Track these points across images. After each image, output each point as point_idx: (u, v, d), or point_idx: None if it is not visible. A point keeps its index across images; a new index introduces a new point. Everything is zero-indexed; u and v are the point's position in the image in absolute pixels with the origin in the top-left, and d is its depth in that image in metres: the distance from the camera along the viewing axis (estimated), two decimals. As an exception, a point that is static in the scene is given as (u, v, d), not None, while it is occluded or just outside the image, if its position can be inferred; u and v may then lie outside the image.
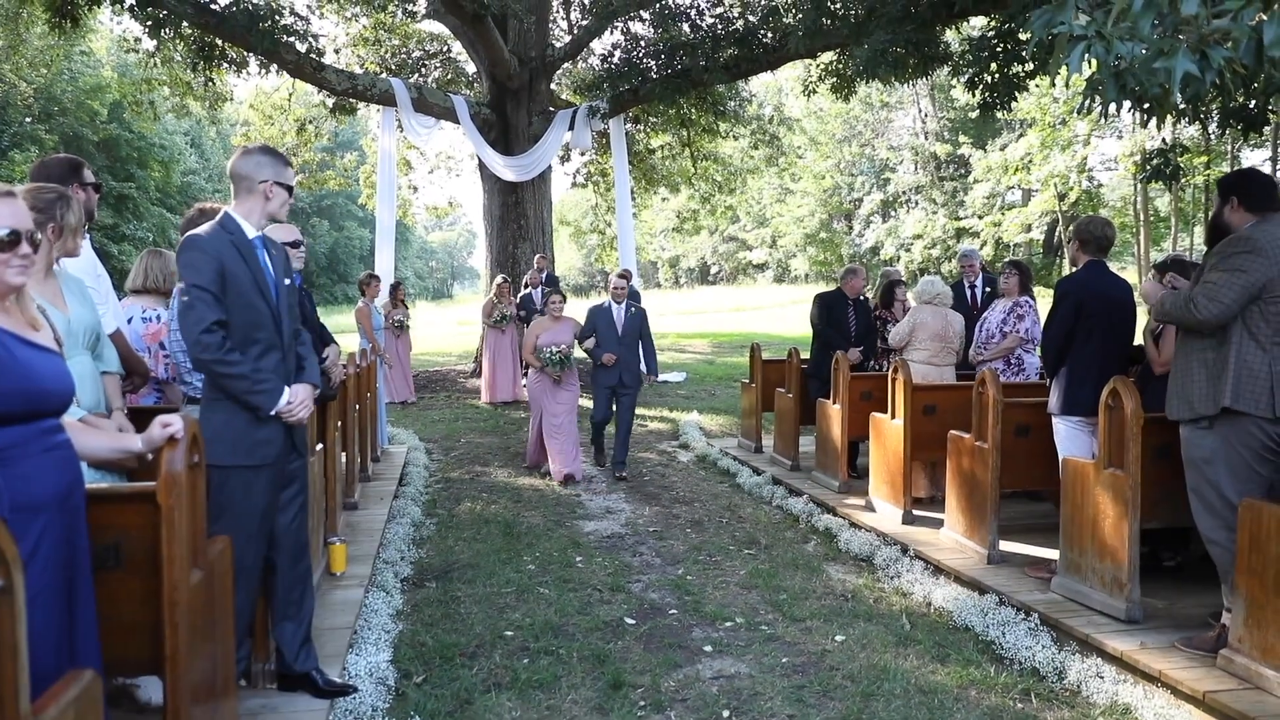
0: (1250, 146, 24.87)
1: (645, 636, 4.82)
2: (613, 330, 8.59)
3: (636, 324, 8.64)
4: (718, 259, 59.68)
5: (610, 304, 8.66)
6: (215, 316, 3.35)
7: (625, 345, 8.55)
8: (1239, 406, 3.90)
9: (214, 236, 3.44)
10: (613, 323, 8.60)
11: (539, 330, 8.53)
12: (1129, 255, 36.42)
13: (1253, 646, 3.75)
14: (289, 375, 3.61)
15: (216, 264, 3.38)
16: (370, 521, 6.65)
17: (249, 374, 3.40)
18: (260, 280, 3.49)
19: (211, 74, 14.49)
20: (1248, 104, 5.74)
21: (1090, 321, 5.12)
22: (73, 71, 32.92)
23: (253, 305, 3.46)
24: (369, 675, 4.05)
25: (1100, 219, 5.49)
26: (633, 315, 8.59)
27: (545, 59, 15.63)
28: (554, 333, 8.49)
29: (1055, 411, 5.27)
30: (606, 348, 8.54)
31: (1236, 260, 3.94)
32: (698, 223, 29.53)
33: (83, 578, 2.43)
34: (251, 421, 3.46)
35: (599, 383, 8.67)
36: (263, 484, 3.51)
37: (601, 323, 8.62)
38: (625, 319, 8.60)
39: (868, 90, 33.44)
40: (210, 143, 47.35)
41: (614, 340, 8.56)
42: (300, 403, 3.57)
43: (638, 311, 8.67)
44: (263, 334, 3.50)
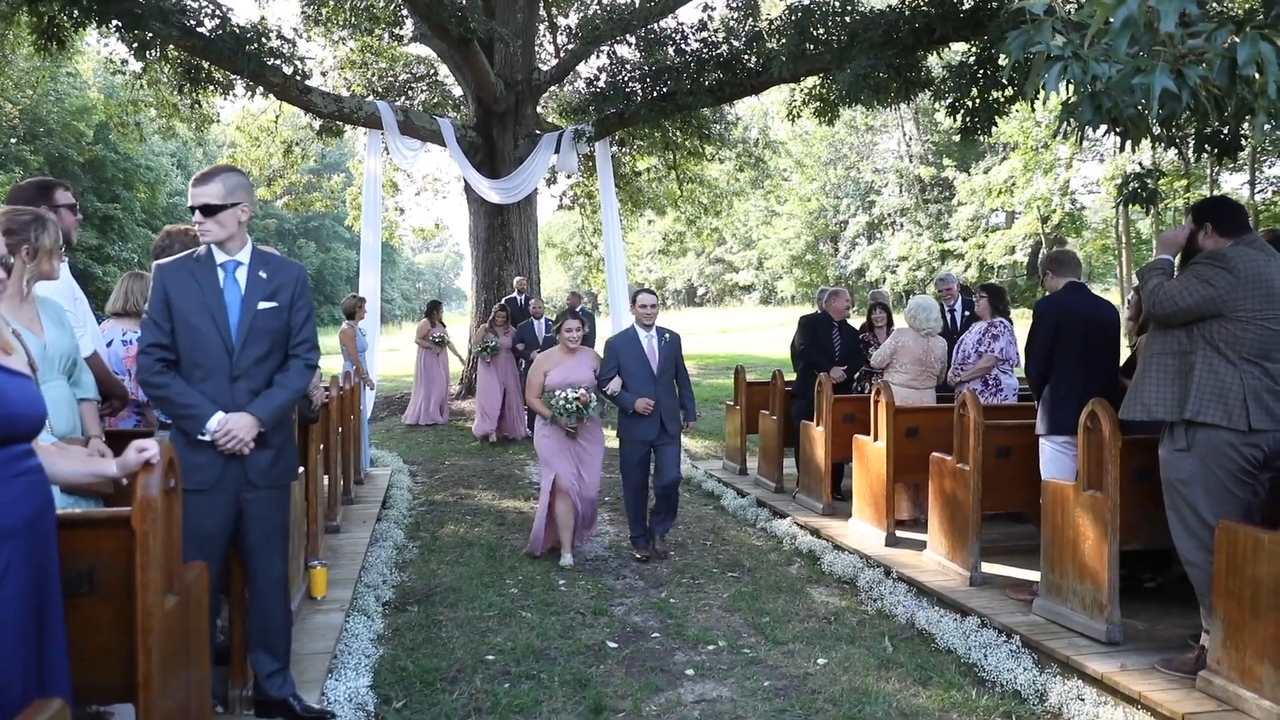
0: (1228, 170, 25.17)
1: (627, 660, 4.79)
2: (645, 367, 6.57)
3: (672, 356, 6.71)
4: (704, 281, 59.88)
5: (636, 331, 6.69)
6: (152, 339, 3.52)
7: (662, 385, 6.60)
8: (1205, 418, 3.93)
9: (171, 264, 3.61)
10: (643, 356, 6.59)
11: (547, 365, 6.57)
12: (1111, 277, 36.74)
13: (1230, 668, 3.76)
14: (238, 403, 3.53)
15: (160, 291, 3.54)
16: (352, 545, 6.61)
17: (173, 397, 3.48)
18: (213, 304, 3.53)
19: (198, 96, 14.48)
20: (1221, 129, 5.81)
21: (1069, 341, 5.17)
22: (58, 93, 32.86)
23: (194, 329, 3.53)
24: (348, 701, 4.02)
25: (1062, 250, 5.62)
26: (667, 344, 6.67)
27: (531, 82, 15.70)
28: (567, 369, 6.51)
29: (1041, 432, 5.31)
30: (638, 390, 6.54)
31: (1208, 273, 4.01)
32: (684, 245, 29.64)
33: (52, 604, 2.41)
34: (187, 444, 3.48)
35: (631, 436, 6.65)
36: (206, 508, 3.47)
37: (628, 356, 6.60)
38: (660, 350, 6.64)
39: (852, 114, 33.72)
40: (196, 164, 47.10)
41: (648, 379, 6.56)
42: (227, 433, 3.46)
43: (672, 339, 6.75)
44: (204, 358, 3.53)
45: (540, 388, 6.53)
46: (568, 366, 6.53)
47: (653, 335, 6.66)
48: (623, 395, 6.53)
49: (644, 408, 6.49)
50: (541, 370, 6.57)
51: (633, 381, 6.54)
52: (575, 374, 6.50)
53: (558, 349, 6.69)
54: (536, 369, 6.64)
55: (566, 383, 6.42)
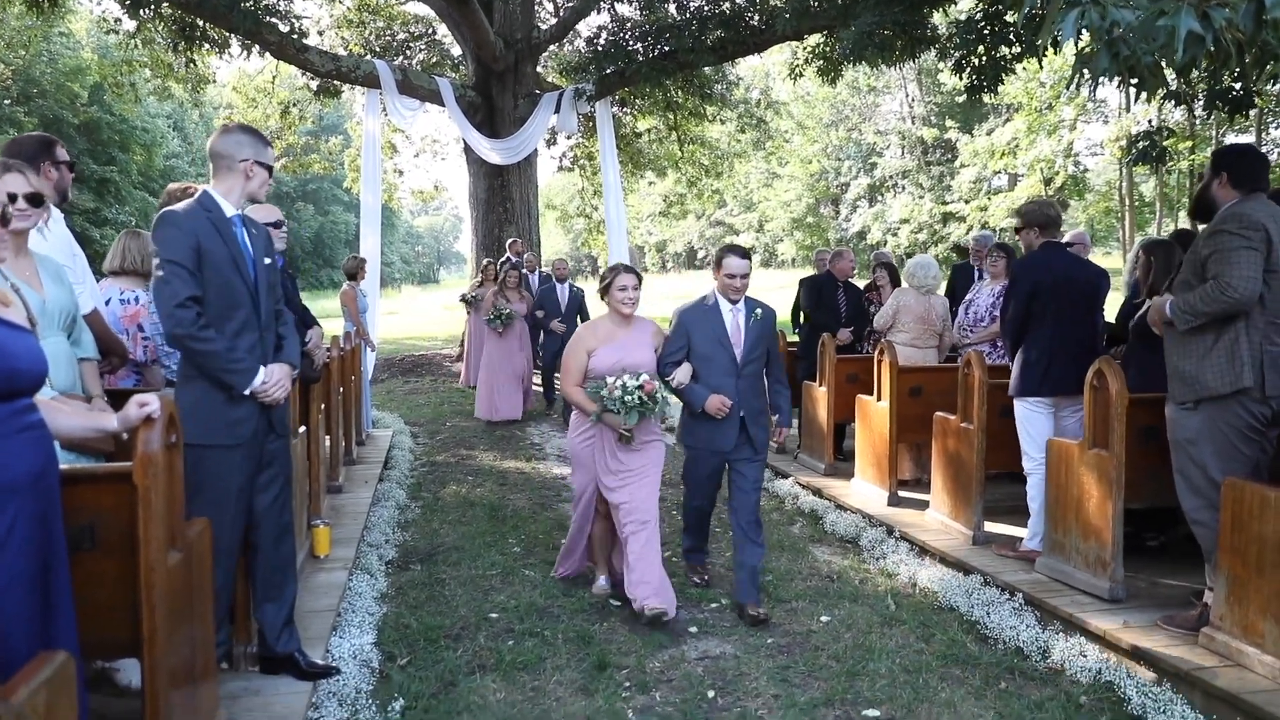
0: (1235, 131, 24.94)
1: (630, 618, 4.80)
2: (725, 351, 4.87)
3: (764, 338, 4.95)
4: (705, 243, 59.60)
5: (716, 302, 4.95)
6: (190, 292, 3.31)
7: (746, 378, 4.91)
8: (1237, 386, 3.85)
9: (190, 213, 3.39)
10: (724, 336, 4.89)
11: (592, 341, 4.90)
12: (1114, 240, 36.59)
13: (1234, 624, 3.77)
14: (266, 355, 3.57)
15: (192, 239, 3.34)
16: (355, 504, 6.61)
17: (222, 351, 3.36)
18: (238, 258, 3.45)
19: (193, 55, 14.32)
20: (1234, 86, 5.73)
21: (1044, 303, 5.14)
22: (51, 53, 32.53)
23: (229, 283, 3.42)
24: (352, 657, 4.03)
25: (1042, 200, 5.52)
26: (759, 322, 4.92)
27: (531, 41, 15.51)
28: (620, 347, 4.85)
29: (1013, 393, 5.31)
30: (714, 382, 4.86)
31: (1238, 239, 3.86)
32: (684, 207, 29.50)
33: (58, 560, 2.39)
34: (226, 400, 3.42)
35: (699, 443, 5.00)
36: (238, 463, 3.47)
37: (703, 336, 4.90)
38: (748, 329, 4.91)
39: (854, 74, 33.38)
40: (193, 126, 46.90)
41: (727, 368, 4.86)
42: (275, 383, 3.52)
43: (766, 316, 4.96)
44: (239, 312, 3.46)
45: (582, 372, 4.86)
46: (622, 343, 4.85)
47: (739, 310, 4.90)
48: (691, 388, 4.86)
49: (718, 408, 4.78)
50: (584, 348, 4.87)
51: (706, 370, 4.87)
52: (633, 354, 4.81)
53: (605, 319, 5.00)
54: (576, 347, 4.92)
55: (620, 366, 4.73)
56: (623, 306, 4.86)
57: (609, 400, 4.63)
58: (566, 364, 4.94)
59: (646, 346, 4.92)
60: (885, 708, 3.79)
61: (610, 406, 4.65)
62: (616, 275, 4.91)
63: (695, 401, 4.86)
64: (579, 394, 4.85)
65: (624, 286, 4.85)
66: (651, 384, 4.65)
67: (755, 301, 4.99)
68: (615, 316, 4.93)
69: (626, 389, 4.59)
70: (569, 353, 4.96)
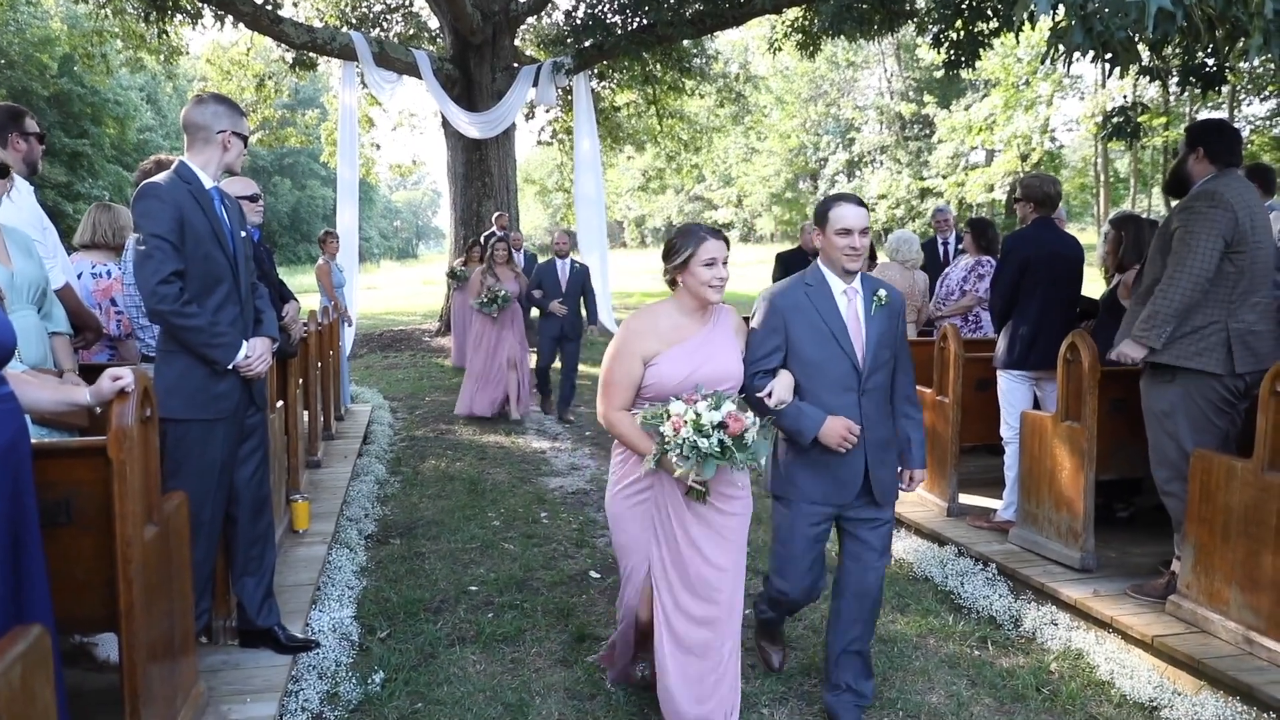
0: (1208, 107, 25.09)
1: (610, 590, 4.84)
2: (837, 350, 3.35)
3: (891, 333, 3.43)
4: (684, 218, 59.48)
5: (824, 281, 3.40)
6: (173, 267, 3.27)
7: (871, 392, 3.40)
8: (1192, 365, 3.94)
9: (172, 185, 3.35)
10: (838, 328, 3.35)
11: (652, 343, 3.21)
12: (1089, 216, 36.83)
13: (1199, 592, 3.84)
14: (247, 328, 3.56)
15: (175, 212, 3.29)
16: (334, 479, 6.60)
17: (206, 326, 3.34)
18: (219, 231, 3.42)
19: (165, 26, 14.07)
20: (1206, 61, 5.77)
21: (1034, 277, 5.18)
22: (18, 23, 31.85)
23: (211, 256, 3.39)
24: (332, 630, 4.05)
25: (1046, 176, 5.54)
26: (883, 309, 3.41)
27: (509, 13, 15.36)
28: (694, 352, 3.21)
29: (998, 365, 5.37)
30: (827, 399, 3.35)
31: (1204, 220, 3.91)
32: (663, 181, 29.41)
33: (29, 534, 2.38)
34: (209, 375, 3.41)
35: (805, 495, 3.46)
36: (220, 437, 3.46)
37: (805, 331, 3.37)
38: (868, 320, 3.39)
39: (833, 48, 33.33)
40: (167, 98, 46.16)
41: (845, 379, 3.35)
42: (258, 356, 3.52)
43: (892, 301, 3.44)
44: (222, 286, 3.44)
45: (633, 390, 3.20)
46: (697, 345, 3.20)
47: (855, 291, 3.36)
48: (796, 409, 3.28)
49: (842, 438, 3.24)
50: (637, 352, 3.18)
51: (813, 382, 3.32)
52: (715, 361, 3.19)
53: (670, 307, 3.26)
54: (626, 350, 3.20)
55: (695, 379, 3.12)
56: (709, 291, 3.14)
57: (673, 443, 2.95)
58: (610, 377, 3.20)
59: (731, 349, 3.24)
60: (860, 676, 3.84)
61: (676, 450, 2.95)
62: (699, 243, 3.13)
63: (805, 429, 3.25)
64: (627, 425, 3.15)
65: (711, 259, 3.13)
66: (740, 420, 2.91)
67: (874, 279, 3.45)
68: (687, 305, 3.21)
69: (701, 426, 2.91)
70: (613, 358, 3.20)
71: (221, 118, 3.47)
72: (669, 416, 2.98)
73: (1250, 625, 3.61)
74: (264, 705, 3.33)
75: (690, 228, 3.26)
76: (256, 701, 3.35)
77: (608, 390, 3.23)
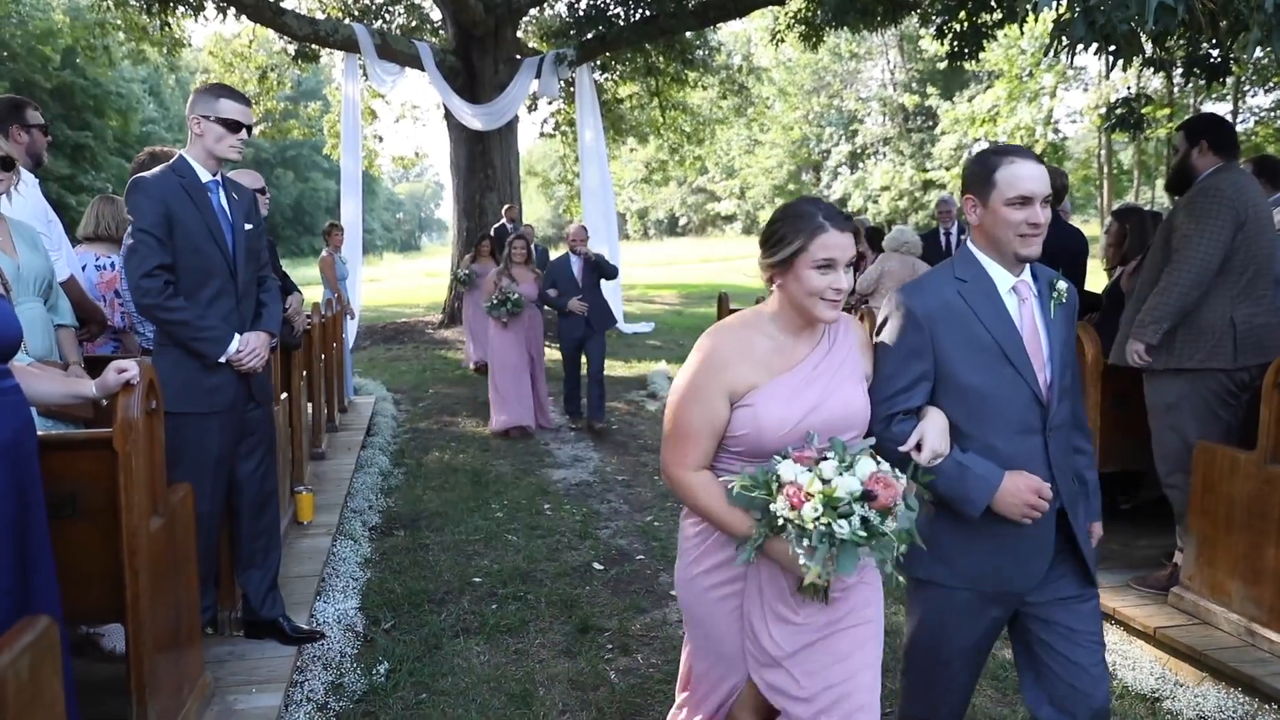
0: (1212, 98, 25.01)
1: (613, 581, 4.86)
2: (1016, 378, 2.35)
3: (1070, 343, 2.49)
4: (686, 210, 59.39)
5: (985, 275, 2.39)
6: (158, 260, 3.28)
7: (1058, 435, 2.42)
8: (1192, 364, 3.94)
9: (161, 179, 3.35)
10: (1011, 349, 2.34)
11: (743, 373, 2.19)
12: (1092, 208, 36.72)
13: (1202, 584, 3.85)
14: (244, 322, 3.55)
15: (161, 207, 3.30)
16: (338, 471, 6.62)
17: (191, 320, 3.35)
18: (212, 224, 3.41)
19: (167, 18, 14.07)
20: (1211, 52, 5.75)
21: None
22: (21, 15, 31.84)
23: (201, 250, 3.38)
24: (337, 622, 4.07)
25: (1052, 167, 5.50)
26: (1064, 309, 2.47)
27: (511, 5, 15.33)
28: (802, 386, 2.20)
29: None
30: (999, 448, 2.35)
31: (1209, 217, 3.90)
32: (666, 174, 29.34)
33: (36, 526, 2.39)
34: (201, 368, 3.41)
35: (967, 579, 2.43)
36: (216, 431, 3.47)
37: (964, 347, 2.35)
38: (1049, 325, 2.43)
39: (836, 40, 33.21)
40: (169, 91, 46.12)
41: (1026, 420, 2.37)
42: (250, 351, 3.49)
43: (1069, 297, 2.48)
44: (214, 280, 3.43)
45: (714, 439, 2.25)
46: (808, 375, 2.24)
47: (1027, 286, 2.42)
48: (951, 469, 2.31)
49: (1030, 506, 2.30)
50: (719, 389, 2.21)
51: (977, 421, 2.37)
52: (831, 400, 2.22)
53: (766, 322, 2.28)
54: (703, 386, 2.22)
55: (801, 428, 2.17)
56: (820, 307, 2.15)
57: (793, 528, 2.00)
58: (679, 423, 2.23)
59: (857, 381, 2.28)
60: (862, 667, 3.85)
61: (796, 537, 2.00)
62: (812, 234, 2.13)
63: (974, 496, 2.28)
64: (708, 493, 2.19)
65: (827, 260, 2.13)
66: (890, 485, 2.00)
67: (1048, 270, 2.48)
68: (789, 319, 2.23)
69: (836, 500, 1.97)
70: (685, 396, 2.22)
71: (195, 105, 3.43)
72: (780, 486, 2.00)
73: (1252, 617, 3.62)
74: (269, 696, 3.35)
75: (803, 208, 2.19)
76: (262, 692, 3.37)
77: (678, 441, 2.22)
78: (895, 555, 2.01)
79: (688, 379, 2.24)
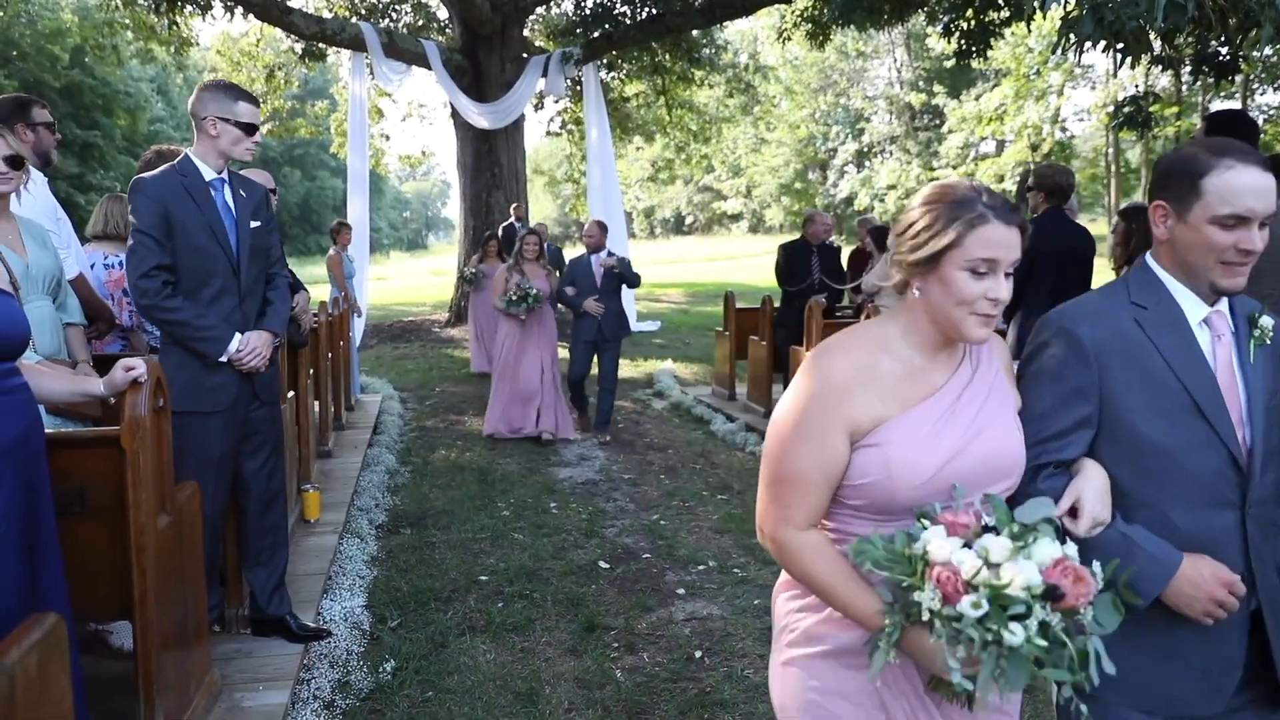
0: (1221, 97, 24.93)
1: (619, 580, 4.86)
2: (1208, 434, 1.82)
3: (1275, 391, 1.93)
4: (692, 209, 59.37)
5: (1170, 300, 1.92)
6: (156, 261, 3.30)
7: (1259, 510, 1.85)
8: None
9: (161, 179, 3.37)
10: (1206, 396, 1.83)
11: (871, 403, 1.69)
12: (1099, 206, 36.64)
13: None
14: (247, 321, 3.54)
15: (159, 208, 3.32)
16: (344, 469, 6.64)
17: (190, 320, 3.36)
18: (214, 223, 3.41)
19: (175, 17, 14.11)
20: (1220, 50, 5.73)
21: (1044, 269, 5.15)
22: (30, 14, 31.96)
23: (202, 249, 3.39)
24: (344, 620, 4.08)
25: (1060, 166, 5.49)
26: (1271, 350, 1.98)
27: (518, 4, 15.34)
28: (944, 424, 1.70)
29: None
30: (1180, 522, 1.82)
31: None
32: (673, 172, 29.33)
33: (45, 523, 2.40)
34: (203, 368, 3.42)
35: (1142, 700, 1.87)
36: (218, 430, 3.47)
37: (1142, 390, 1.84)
38: (1251, 372, 1.91)
39: (842, 38, 33.20)
40: (177, 89, 46.19)
41: (1220, 490, 1.83)
42: (251, 350, 3.49)
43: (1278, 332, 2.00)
44: (215, 279, 3.44)
45: (828, 494, 1.73)
46: (950, 408, 1.72)
47: (1223, 319, 1.93)
48: (1116, 541, 1.77)
49: (1214, 603, 1.75)
50: (836, 423, 1.69)
51: (1158, 484, 1.83)
52: (983, 438, 1.71)
53: (890, 329, 1.82)
54: (816, 418, 1.69)
55: (945, 476, 1.66)
56: (969, 325, 1.70)
57: (942, 625, 1.46)
58: (782, 467, 1.74)
59: (1007, 412, 1.81)
60: (869, 666, 3.84)
61: (947, 637, 1.45)
62: (970, 225, 1.66)
63: (1151, 580, 1.78)
64: (820, 560, 1.71)
65: (988, 260, 1.67)
66: (1083, 580, 1.45)
67: (1244, 300, 2.04)
68: (924, 333, 1.79)
69: (1007, 597, 1.42)
70: (791, 431, 1.73)
71: (207, 103, 3.42)
72: (927, 564, 1.49)
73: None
74: (276, 693, 3.36)
75: (960, 191, 1.71)
76: (269, 690, 3.38)
77: (781, 491, 1.74)
78: (1081, 676, 1.44)
79: (794, 411, 1.73)
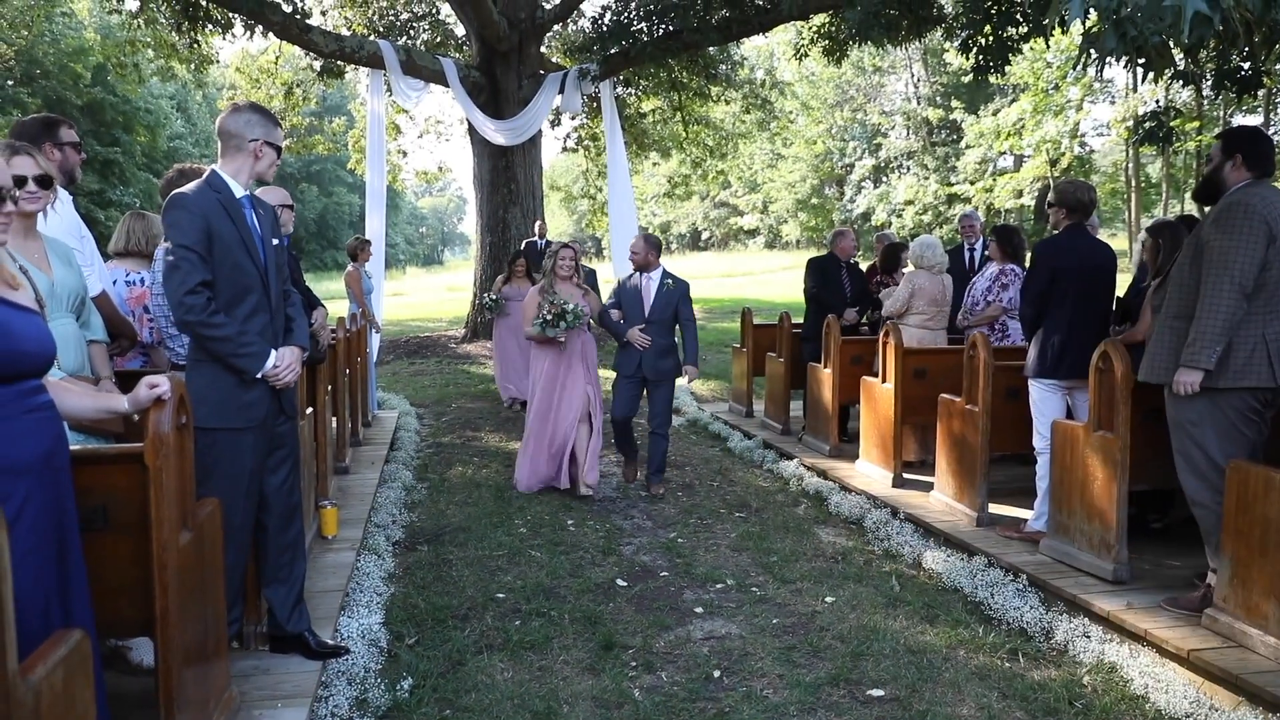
0: (1243, 111, 24.78)
1: (637, 598, 4.84)
2: None
3: None
4: (709, 225, 59.42)
5: None
6: (200, 277, 3.30)
7: None
8: (1224, 384, 3.89)
9: (200, 195, 3.38)
10: None
11: None
12: (1119, 221, 36.45)
13: (1237, 605, 3.78)
14: (277, 337, 3.58)
15: (202, 223, 3.32)
16: (361, 485, 6.64)
17: (234, 336, 3.37)
18: (248, 240, 3.45)
19: (196, 36, 14.27)
20: (1242, 65, 5.69)
21: (1065, 286, 5.13)
22: (54, 33, 32.35)
23: (240, 266, 3.41)
24: (361, 637, 4.06)
25: (1081, 182, 5.48)
26: None
27: (535, 21, 15.44)
28: None
29: (1029, 374, 5.32)
30: None
31: (1240, 234, 3.87)
32: (689, 188, 29.39)
33: (72, 539, 2.42)
34: (238, 384, 3.43)
35: None
36: (249, 446, 3.49)
37: None
38: None
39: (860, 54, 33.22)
40: (197, 106, 46.73)
41: None
42: (286, 366, 3.54)
43: None
44: (251, 295, 3.46)
45: None
46: None
47: None
48: None
49: None
50: None
51: None
52: None
53: None
54: None
55: None
56: None
57: None
58: None
59: None
60: (889, 688, 3.82)
61: None
62: None
63: None
64: None
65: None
66: None
67: None
68: None
69: None
70: None
71: (255, 126, 3.49)
72: None
73: (1289, 640, 3.53)
74: (294, 711, 3.35)
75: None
76: (287, 707, 3.37)
77: None
78: None
79: None
